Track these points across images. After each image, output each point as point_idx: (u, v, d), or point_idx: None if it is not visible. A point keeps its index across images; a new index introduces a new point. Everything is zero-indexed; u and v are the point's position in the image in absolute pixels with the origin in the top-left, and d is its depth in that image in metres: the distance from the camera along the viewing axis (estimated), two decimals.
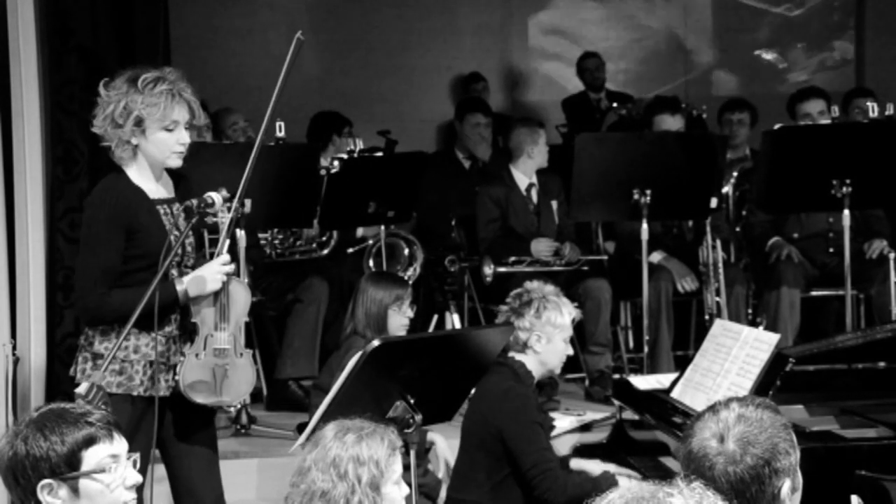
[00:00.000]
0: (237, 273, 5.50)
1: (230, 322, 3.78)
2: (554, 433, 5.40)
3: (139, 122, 3.65)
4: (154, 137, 3.68)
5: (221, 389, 3.77)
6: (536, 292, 4.41)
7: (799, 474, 2.39)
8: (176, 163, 3.76)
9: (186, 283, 3.70)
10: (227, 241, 3.78)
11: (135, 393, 3.68)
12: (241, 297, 3.82)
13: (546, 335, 4.35)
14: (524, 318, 4.35)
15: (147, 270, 3.68)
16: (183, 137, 3.72)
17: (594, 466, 4.40)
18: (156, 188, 3.79)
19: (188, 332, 3.78)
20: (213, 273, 3.72)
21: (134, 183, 3.73)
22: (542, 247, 6.47)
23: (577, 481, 4.25)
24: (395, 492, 2.89)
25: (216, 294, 3.75)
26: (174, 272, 3.73)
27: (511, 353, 4.34)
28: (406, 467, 3.02)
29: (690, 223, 6.52)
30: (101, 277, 3.65)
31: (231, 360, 3.77)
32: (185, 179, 3.91)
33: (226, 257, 3.75)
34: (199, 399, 3.74)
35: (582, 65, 8.95)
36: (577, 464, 4.48)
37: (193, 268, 3.78)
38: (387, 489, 2.86)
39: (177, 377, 3.71)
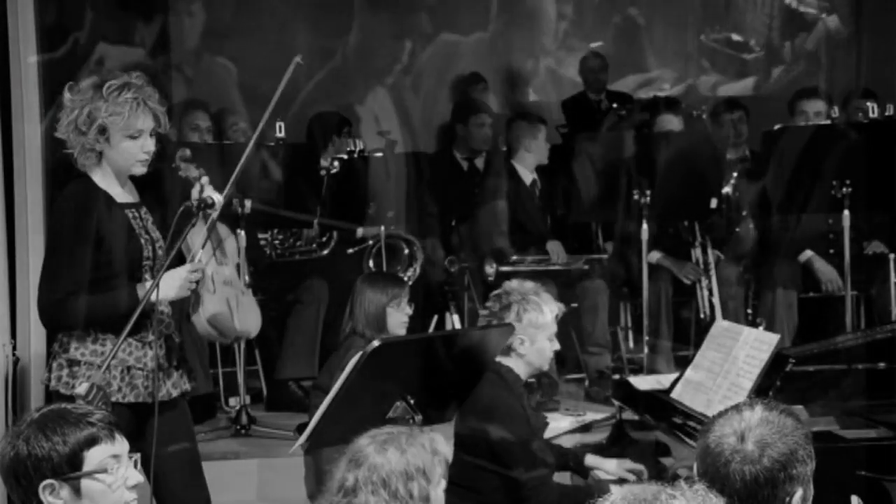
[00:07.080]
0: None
1: (228, 257, 3.81)
2: (554, 433, 5.41)
3: (103, 131, 3.58)
4: (119, 146, 3.61)
5: (236, 319, 3.78)
6: (515, 294, 4.28)
7: (811, 486, 2.39)
8: (140, 170, 3.69)
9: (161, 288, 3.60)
10: (201, 248, 3.73)
11: (113, 399, 3.60)
12: (225, 233, 3.83)
13: (529, 337, 4.23)
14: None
15: (116, 277, 3.62)
16: (148, 145, 3.64)
17: (609, 466, 4.40)
18: (122, 192, 3.72)
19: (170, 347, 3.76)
20: (181, 280, 3.60)
21: (100, 188, 3.66)
22: (558, 248, 6.48)
23: (568, 492, 4.23)
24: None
25: (207, 236, 3.69)
26: (146, 276, 3.66)
27: (497, 358, 4.18)
28: None
29: (686, 223, 6.52)
30: (65, 282, 3.57)
31: (238, 290, 3.80)
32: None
33: (197, 265, 3.64)
34: (219, 332, 3.74)
35: (585, 65, 8.95)
36: (592, 461, 4.44)
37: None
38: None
39: (193, 315, 3.66)
